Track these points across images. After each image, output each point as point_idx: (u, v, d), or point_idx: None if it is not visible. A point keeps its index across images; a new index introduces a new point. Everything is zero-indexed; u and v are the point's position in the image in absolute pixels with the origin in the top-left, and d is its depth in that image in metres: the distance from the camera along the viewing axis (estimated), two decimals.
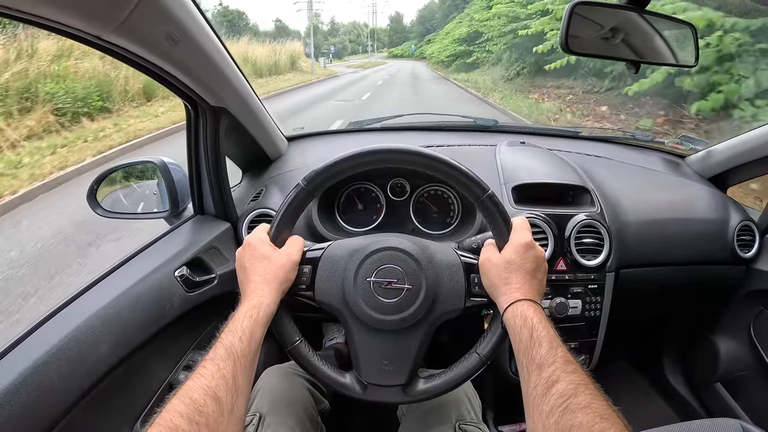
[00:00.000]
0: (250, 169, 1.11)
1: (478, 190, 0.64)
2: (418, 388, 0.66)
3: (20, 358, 0.59)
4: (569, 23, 0.77)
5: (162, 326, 0.77)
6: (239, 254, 0.66)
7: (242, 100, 0.87)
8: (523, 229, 0.64)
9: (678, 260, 1.06)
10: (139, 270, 0.79)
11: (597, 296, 0.97)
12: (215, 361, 0.51)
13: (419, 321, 0.63)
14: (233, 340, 0.54)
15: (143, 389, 0.79)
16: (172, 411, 0.46)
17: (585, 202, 1.00)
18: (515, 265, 0.60)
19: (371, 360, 0.65)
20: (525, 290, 0.59)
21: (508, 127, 1.32)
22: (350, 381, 0.66)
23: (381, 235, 0.68)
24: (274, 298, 0.60)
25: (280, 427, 0.75)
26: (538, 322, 0.54)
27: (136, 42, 0.61)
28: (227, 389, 0.49)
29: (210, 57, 0.75)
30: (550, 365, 0.49)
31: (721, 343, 1.23)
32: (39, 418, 0.57)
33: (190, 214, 0.98)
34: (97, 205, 0.97)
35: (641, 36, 0.90)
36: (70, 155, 4.95)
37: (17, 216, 3.81)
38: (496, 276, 0.61)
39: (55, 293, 2.55)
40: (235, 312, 0.58)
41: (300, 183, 0.65)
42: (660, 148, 1.27)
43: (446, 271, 0.65)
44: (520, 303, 0.57)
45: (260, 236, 0.65)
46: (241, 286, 0.64)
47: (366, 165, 0.65)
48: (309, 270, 0.65)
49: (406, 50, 68.88)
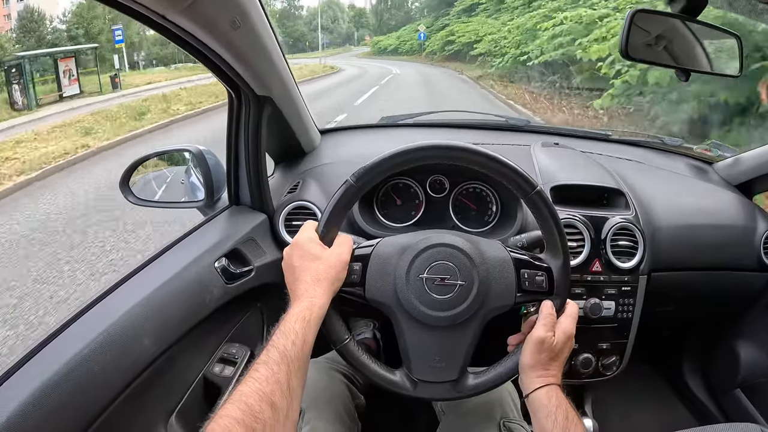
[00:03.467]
0: (284, 160, 1.10)
1: (527, 187, 0.64)
2: (468, 383, 0.66)
3: (60, 352, 0.57)
4: (629, 30, 0.78)
5: (201, 318, 0.76)
6: (287, 253, 0.65)
7: (286, 89, 0.87)
8: (574, 319, 0.67)
9: (705, 265, 1.07)
10: (179, 261, 0.78)
11: (630, 298, 0.97)
12: (269, 365, 0.51)
13: (471, 317, 0.63)
14: (286, 343, 0.53)
15: (179, 382, 0.78)
16: (227, 417, 0.44)
17: (620, 205, 1.00)
18: (556, 351, 0.64)
19: (422, 357, 0.64)
20: (558, 377, 0.64)
21: (539, 128, 1.32)
22: (400, 378, 0.65)
23: (430, 232, 0.67)
24: (325, 298, 0.60)
25: (320, 422, 0.75)
26: (570, 407, 0.60)
27: (200, 24, 0.60)
28: (282, 394, 0.48)
29: (264, 44, 0.74)
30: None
31: (742, 350, 1.24)
32: (79, 414, 0.55)
33: (225, 204, 0.96)
34: (129, 193, 0.96)
35: (686, 44, 0.91)
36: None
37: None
38: (542, 356, 0.64)
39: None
40: (287, 314, 0.57)
41: (349, 180, 0.64)
42: (688, 153, 1.28)
43: (497, 267, 0.65)
44: (554, 387, 0.62)
45: (309, 235, 0.65)
46: (291, 287, 0.63)
47: (415, 161, 0.65)
48: (359, 267, 0.64)
49: (406, 38, 33.08)
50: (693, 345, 1.38)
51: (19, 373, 0.54)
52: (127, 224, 3.85)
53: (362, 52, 41.74)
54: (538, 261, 0.67)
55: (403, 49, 32.55)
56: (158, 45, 30.75)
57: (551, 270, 0.66)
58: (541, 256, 0.68)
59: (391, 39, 36.21)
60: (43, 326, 2.58)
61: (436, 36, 25.78)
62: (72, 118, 9.47)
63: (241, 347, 0.87)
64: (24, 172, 5.71)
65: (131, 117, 9.13)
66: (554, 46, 9.04)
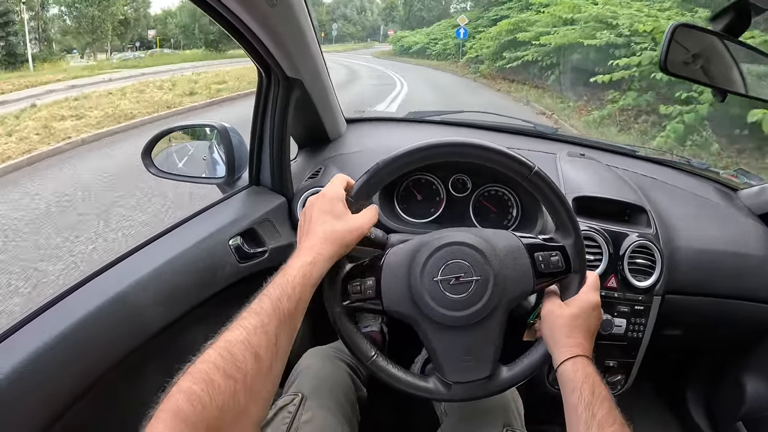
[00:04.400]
0: (308, 145, 1.10)
1: (524, 170, 0.63)
2: (503, 377, 0.65)
3: (69, 310, 0.58)
4: (670, 44, 0.77)
5: (210, 294, 0.77)
6: (310, 201, 0.62)
7: (317, 74, 0.86)
8: (594, 289, 0.65)
9: (720, 293, 1.06)
10: (194, 235, 0.78)
11: (642, 318, 0.96)
12: (260, 315, 0.48)
13: (493, 310, 0.62)
14: (281, 296, 0.50)
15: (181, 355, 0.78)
16: (208, 362, 0.43)
17: (641, 222, 0.99)
18: (580, 321, 0.62)
19: (452, 358, 0.63)
20: (585, 347, 0.60)
21: (567, 137, 1.31)
22: (433, 385, 0.64)
23: (436, 233, 0.66)
24: (330, 260, 0.57)
25: (321, 410, 0.74)
26: (599, 381, 0.57)
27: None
28: (268, 347, 0.46)
29: (300, 25, 0.74)
30: (610, 425, 0.52)
31: (748, 382, 1.22)
32: (80, 374, 0.56)
33: (244, 183, 0.97)
34: (151, 164, 0.96)
35: (723, 64, 0.90)
36: None
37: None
38: (559, 326, 0.62)
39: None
40: (287, 265, 0.54)
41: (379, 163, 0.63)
42: (714, 178, 1.26)
43: (510, 255, 0.64)
44: (581, 359, 0.59)
45: (338, 191, 0.61)
46: (300, 235, 0.60)
47: (414, 164, 0.64)
48: (373, 282, 0.63)
49: (439, 36, 21.55)
50: (699, 372, 1.36)
51: (29, 327, 0.55)
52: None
53: (382, 50, 32.18)
54: (551, 242, 0.66)
55: (433, 51, 21.32)
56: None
57: (565, 248, 0.65)
58: (553, 236, 0.67)
59: (418, 36, 25.05)
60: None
61: (484, 34, 14.45)
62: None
63: None
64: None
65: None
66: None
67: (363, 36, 50.69)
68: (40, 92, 10.11)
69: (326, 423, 0.72)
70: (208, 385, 0.41)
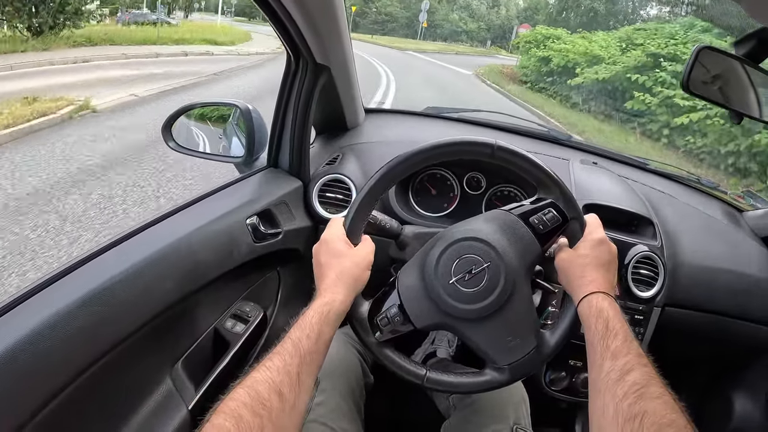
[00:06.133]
0: (326, 131, 1.10)
1: (485, 149, 0.65)
2: (549, 342, 0.66)
3: (82, 280, 0.57)
4: (693, 64, 0.79)
5: (224, 271, 0.77)
6: (316, 250, 0.66)
7: (345, 62, 0.87)
8: (596, 226, 0.67)
9: (718, 310, 1.07)
10: (212, 211, 0.79)
11: (641, 327, 0.98)
12: (282, 356, 0.51)
13: (514, 286, 0.63)
14: (301, 336, 0.54)
15: (190, 331, 0.79)
16: (237, 401, 0.46)
17: (648, 234, 1.01)
18: (589, 259, 0.64)
19: (497, 344, 0.65)
20: (598, 283, 0.61)
21: (580, 144, 1.32)
22: (491, 376, 0.66)
23: (432, 240, 0.67)
24: (346, 296, 0.60)
25: (333, 392, 0.76)
26: (613, 314, 0.57)
27: None
28: (291, 386, 0.49)
29: (334, 12, 0.74)
30: (624, 355, 0.52)
31: (737, 400, 1.24)
32: (92, 346, 0.55)
33: (262, 165, 0.97)
34: (171, 138, 0.97)
35: (740, 88, 0.91)
36: None
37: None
38: (571, 270, 0.64)
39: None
40: (307, 308, 0.58)
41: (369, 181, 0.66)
42: (722, 197, 1.28)
43: (508, 230, 0.65)
44: (595, 295, 0.60)
45: (336, 232, 0.65)
46: (317, 282, 0.64)
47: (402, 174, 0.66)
48: (396, 309, 0.65)
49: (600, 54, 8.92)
50: (688, 388, 1.38)
51: (41, 294, 0.54)
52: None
53: (510, 65, 15.80)
54: (539, 202, 0.67)
55: (588, 79, 9.75)
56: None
57: (554, 202, 0.66)
58: (540, 196, 0.68)
59: (579, 43, 11.37)
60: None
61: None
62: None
63: (255, 306, 0.88)
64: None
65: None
66: None
67: (487, 36, 37.35)
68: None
69: (337, 406, 0.74)
70: (237, 421, 0.44)
